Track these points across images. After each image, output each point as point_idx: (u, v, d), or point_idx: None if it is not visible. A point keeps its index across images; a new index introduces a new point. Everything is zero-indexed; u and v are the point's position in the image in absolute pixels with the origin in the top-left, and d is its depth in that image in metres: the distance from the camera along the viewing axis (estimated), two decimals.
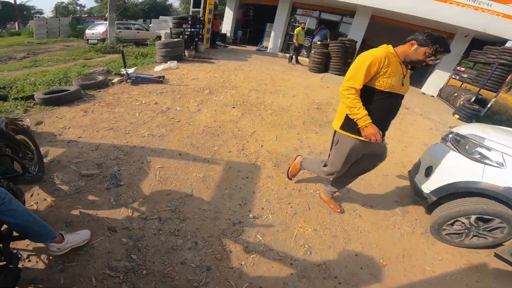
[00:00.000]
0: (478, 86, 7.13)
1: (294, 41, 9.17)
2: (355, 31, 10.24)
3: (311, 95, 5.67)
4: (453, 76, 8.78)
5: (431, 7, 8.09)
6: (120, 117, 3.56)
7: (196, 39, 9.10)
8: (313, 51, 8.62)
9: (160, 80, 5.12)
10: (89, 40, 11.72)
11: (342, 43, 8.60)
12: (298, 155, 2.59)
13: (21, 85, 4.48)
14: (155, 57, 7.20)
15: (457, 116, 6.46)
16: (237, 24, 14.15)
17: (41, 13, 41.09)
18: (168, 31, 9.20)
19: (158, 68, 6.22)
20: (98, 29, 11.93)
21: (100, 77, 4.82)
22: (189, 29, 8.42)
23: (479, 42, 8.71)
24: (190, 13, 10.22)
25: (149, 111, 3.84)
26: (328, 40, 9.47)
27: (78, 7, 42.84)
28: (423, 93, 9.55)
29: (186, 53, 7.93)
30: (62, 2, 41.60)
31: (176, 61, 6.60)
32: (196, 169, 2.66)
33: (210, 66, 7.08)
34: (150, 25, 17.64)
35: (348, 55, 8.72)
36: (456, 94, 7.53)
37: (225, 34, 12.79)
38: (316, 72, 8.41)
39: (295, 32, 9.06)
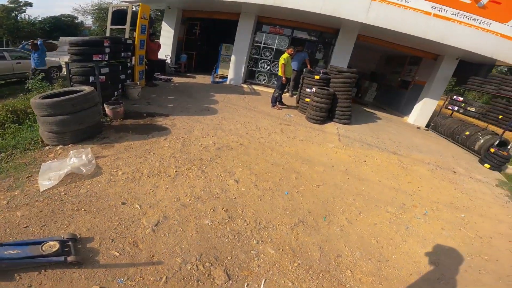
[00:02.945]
0: (502, 127, 5.93)
1: (280, 73, 6.35)
2: (340, 54, 8.21)
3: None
4: (450, 107, 7.68)
5: (431, 26, 6.43)
6: None
7: (122, 77, 5.46)
8: (313, 91, 5.99)
9: None
10: None
11: (350, 76, 6.23)
12: None
13: None
14: (39, 131, 3.45)
15: (487, 166, 5.36)
16: (178, 45, 10.25)
17: None
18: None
19: (47, 180, 2.64)
20: None
21: None
22: (106, 62, 4.66)
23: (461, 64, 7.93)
24: (107, 33, 6.34)
25: None
26: (308, 66, 7.37)
27: None
28: (409, 124, 8.49)
29: (108, 111, 4.29)
30: None
31: (88, 149, 3.13)
32: None
33: (164, 145, 3.74)
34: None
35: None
36: (467, 133, 6.42)
37: (164, 62, 9.16)
38: (318, 123, 5.95)
39: (281, 60, 6.27)
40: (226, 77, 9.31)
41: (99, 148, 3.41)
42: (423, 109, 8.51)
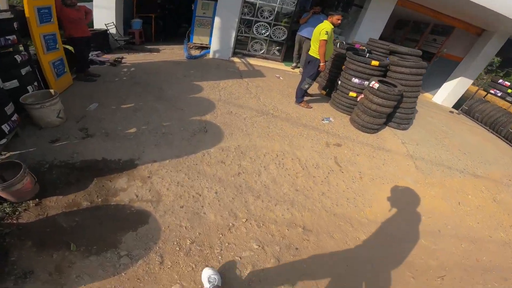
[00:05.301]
0: None
1: (316, 55, 3.87)
2: (372, 22, 6.08)
3: None
4: (493, 91, 6.28)
5: None
6: None
7: (11, 84, 2.48)
8: (372, 87, 3.72)
9: None
10: None
11: (423, 66, 4.05)
12: None
13: None
14: None
15: None
16: (127, 6, 6.48)
17: None
18: None
19: None
20: None
21: None
22: None
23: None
24: None
25: None
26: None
27: None
28: (439, 105, 7.07)
29: (2, 194, 1.70)
30: None
31: None
32: None
33: None
34: None
35: None
36: None
37: (106, 33, 5.66)
38: (371, 132, 4.01)
39: (322, 35, 3.67)
40: (206, 47, 6.47)
41: None
42: (455, 89, 6.99)
